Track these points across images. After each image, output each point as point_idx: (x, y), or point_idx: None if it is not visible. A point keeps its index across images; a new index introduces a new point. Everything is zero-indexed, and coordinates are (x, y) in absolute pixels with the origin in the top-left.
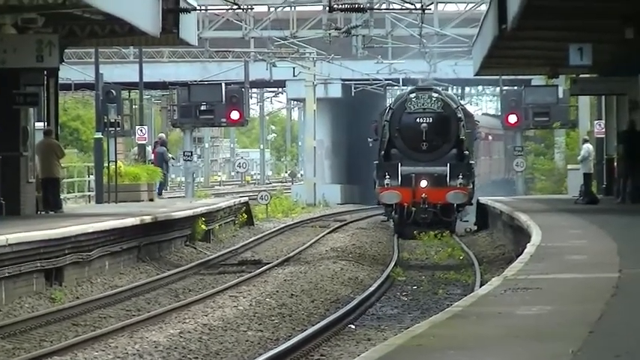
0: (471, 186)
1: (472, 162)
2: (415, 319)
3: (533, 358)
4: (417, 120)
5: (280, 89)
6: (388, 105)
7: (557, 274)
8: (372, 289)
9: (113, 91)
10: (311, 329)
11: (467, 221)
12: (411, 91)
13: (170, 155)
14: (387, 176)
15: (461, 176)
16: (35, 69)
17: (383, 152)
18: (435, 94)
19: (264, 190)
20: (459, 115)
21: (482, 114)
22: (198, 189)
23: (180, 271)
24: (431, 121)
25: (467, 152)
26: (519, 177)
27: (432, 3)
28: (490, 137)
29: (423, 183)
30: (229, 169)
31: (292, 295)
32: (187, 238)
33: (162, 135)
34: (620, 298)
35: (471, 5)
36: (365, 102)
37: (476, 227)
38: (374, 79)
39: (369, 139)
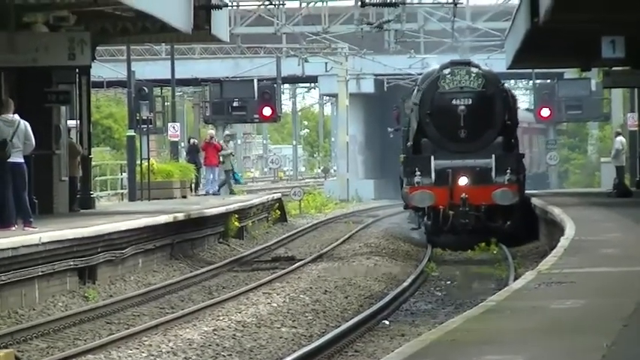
0: (522, 182)
1: (522, 153)
2: (449, 314)
3: (567, 352)
4: (453, 101)
5: (312, 85)
6: (415, 84)
7: (591, 267)
8: (405, 284)
9: (145, 89)
10: (345, 325)
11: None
12: (444, 67)
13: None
14: (417, 173)
15: (509, 170)
16: (67, 67)
17: (411, 143)
18: (475, 70)
19: (297, 186)
20: (504, 95)
21: None
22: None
23: (213, 268)
24: (470, 102)
25: (513, 141)
26: (552, 170)
27: None
28: None
29: (463, 180)
30: (262, 165)
31: (326, 291)
32: (220, 235)
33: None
34: None
35: None
36: (398, 97)
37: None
38: (406, 74)
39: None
